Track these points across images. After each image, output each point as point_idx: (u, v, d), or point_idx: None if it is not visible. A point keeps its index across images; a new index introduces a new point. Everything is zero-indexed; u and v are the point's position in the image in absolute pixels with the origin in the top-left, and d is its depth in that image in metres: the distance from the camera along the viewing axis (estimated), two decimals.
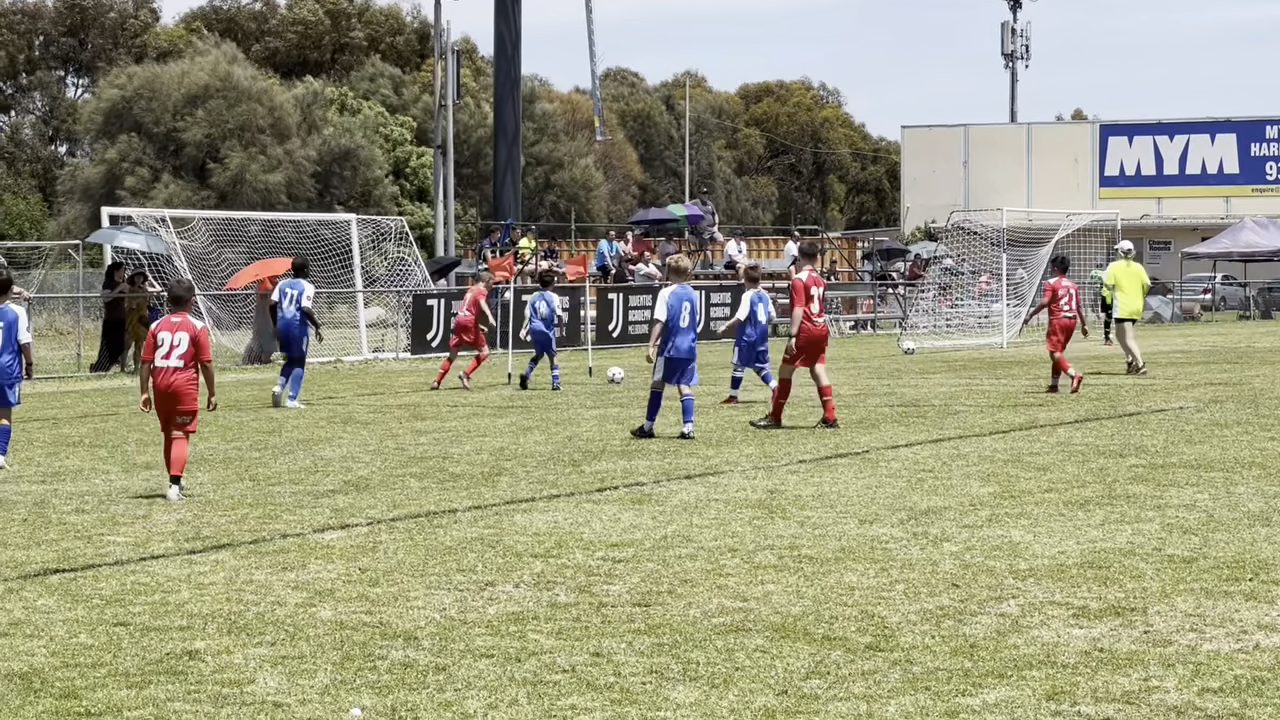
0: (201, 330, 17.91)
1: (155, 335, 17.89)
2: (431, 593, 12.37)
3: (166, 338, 17.75)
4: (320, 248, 49.10)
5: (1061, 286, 30.64)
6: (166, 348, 17.72)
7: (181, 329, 17.77)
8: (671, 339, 22.83)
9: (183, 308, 18.04)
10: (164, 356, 17.73)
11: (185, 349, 17.67)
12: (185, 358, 17.67)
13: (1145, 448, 20.82)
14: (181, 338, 17.70)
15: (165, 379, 17.70)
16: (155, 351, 17.81)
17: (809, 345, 24.29)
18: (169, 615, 11.69)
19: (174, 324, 17.83)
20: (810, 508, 16.22)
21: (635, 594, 12.27)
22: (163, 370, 17.71)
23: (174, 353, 17.69)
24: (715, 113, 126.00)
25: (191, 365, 17.74)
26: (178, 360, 17.68)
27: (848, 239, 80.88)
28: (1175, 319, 72.57)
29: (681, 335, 22.91)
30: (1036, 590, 12.21)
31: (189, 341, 17.68)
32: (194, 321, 17.95)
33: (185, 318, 17.93)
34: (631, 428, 23.46)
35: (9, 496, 17.72)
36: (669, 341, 22.81)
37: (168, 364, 17.70)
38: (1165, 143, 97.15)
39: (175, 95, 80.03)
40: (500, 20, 72.25)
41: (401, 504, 16.80)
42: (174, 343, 17.71)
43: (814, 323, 24.37)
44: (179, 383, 17.67)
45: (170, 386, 17.68)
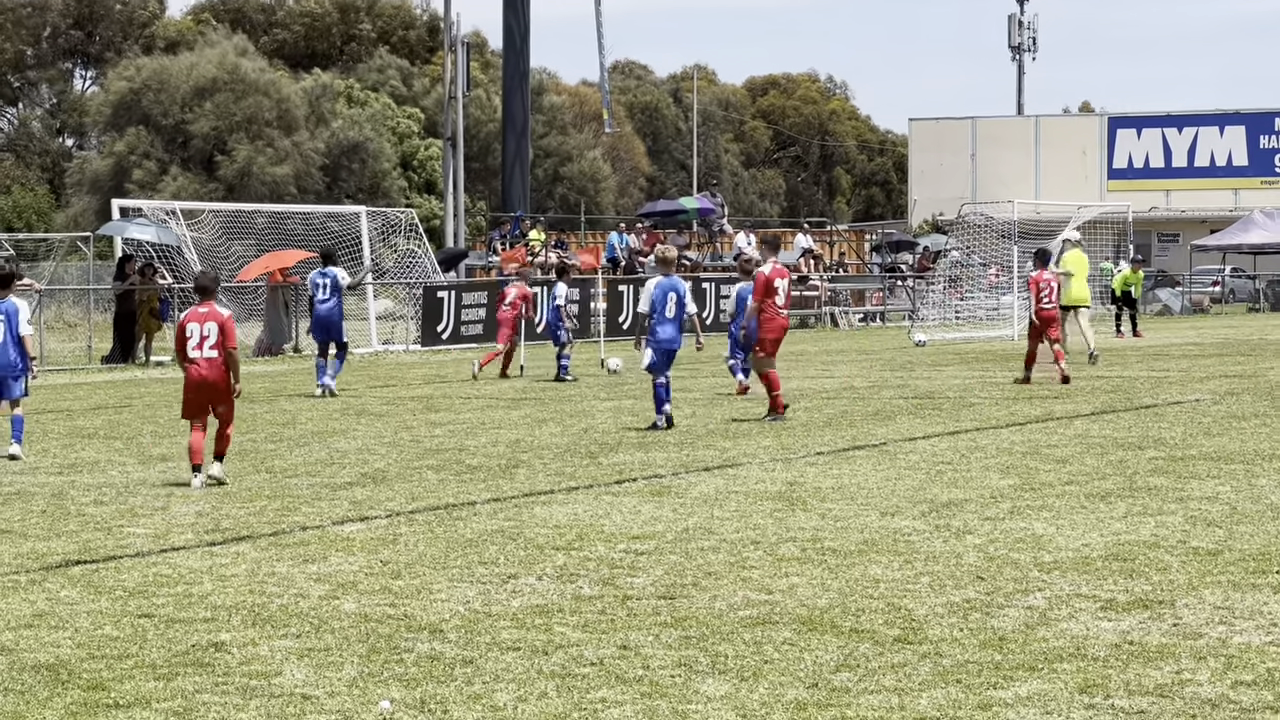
0: (228, 318, 17.99)
1: (184, 327, 17.98)
2: (454, 585, 12.32)
3: (195, 329, 17.82)
4: (329, 240, 49.06)
5: (1043, 279, 30.81)
6: (197, 339, 17.80)
7: (210, 319, 17.85)
8: (654, 329, 23.12)
9: (209, 298, 18.15)
10: (195, 347, 17.80)
11: (216, 339, 17.77)
12: (217, 347, 17.77)
13: (1164, 440, 20.76)
14: (211, 327, 17.79)
15: (200, 371, 17.77)
16: (186, 343, 17.88)
17: (778, 336, 24.23)
18: (193, 607, 11.65)
19: (201, 314, 17.90)
20: (831, 500, 16.17)
21: (659, 586, 12.22)
22: (199, 361, 17.77)
23: (205, 343, 17.78)
24: (722, 105, 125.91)
25: (222, 356, 17.82)
26: (210, 351, 17.76)
27: (855, 231, 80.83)
28: (1185, 311, 72.52)
29: (664, 325, 23.12)
30: (1062, 583, 12.15)
31: (218, 330, 17.77)
32: (220, 310, 18.07)
33: (212, 307, 18.04)
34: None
35: (27, 488, 17.69)
36: (653, 331, 23.11)
37: (200, 354, 17.78)
38: (1174, 135, 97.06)
39: (183, 88, 79.99)
40: (509, 13, 72.21)
41: (420, 496, 16.75)
42: (204, 333, 17.78)
43: (779, 315, 24.35)
44: (212, 375, 17.74)
45: (205, 379, 17.75)
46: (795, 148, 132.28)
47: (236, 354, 17.99)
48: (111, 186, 74.96)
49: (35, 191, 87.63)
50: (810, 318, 61.53)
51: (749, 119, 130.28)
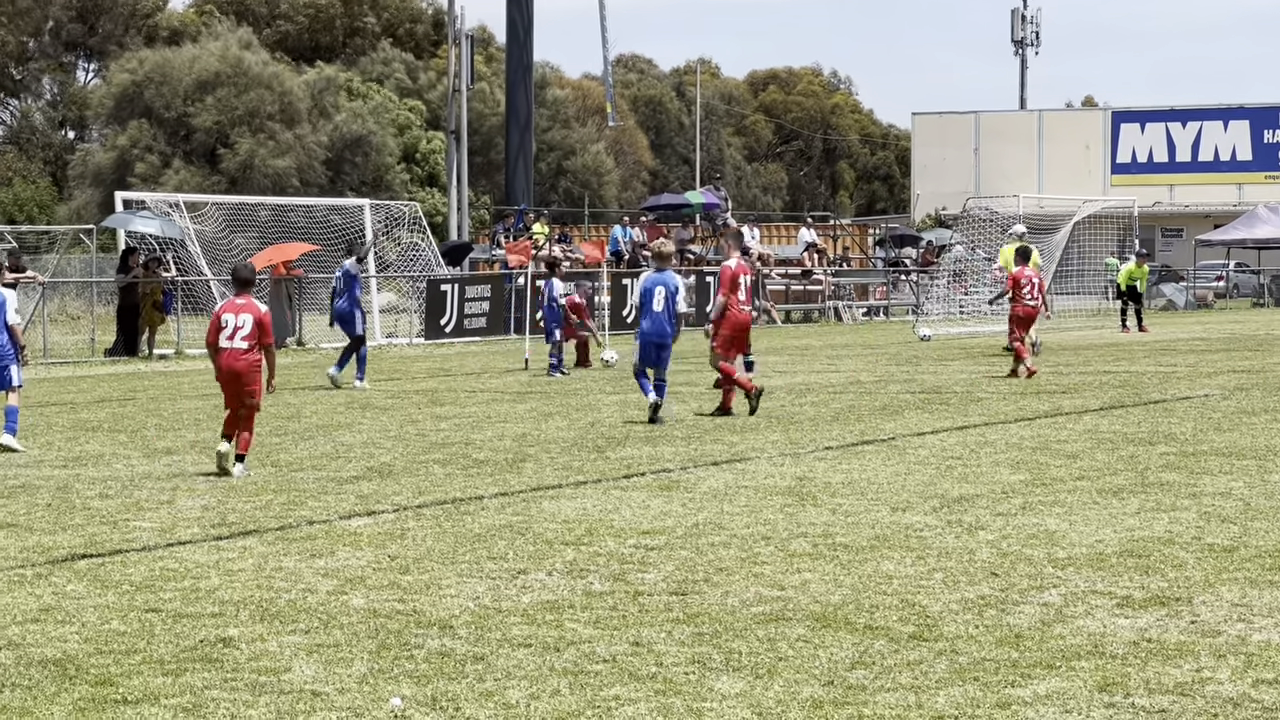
0: (265, 313, 18.18)
1: (219, 317, 18.15)
2: (463, 581, 12.21)
3: (230, 319, 18.01)
4: (332, 233, 48.96)
5: (1024, 276, 31.18)
6: (230, 329, 17.98)
7: (246, 310, 18.03)
8: (641, 322, 23.18)
9: (247, 290, 18.29)
10: (228, 338, 17.97)
11: (249, 330, 17.94)
12: (249, 339, 17.93)
13: (1174, 435, 20.64)
14: (245, 319, 17.97)
15: (230, 360, 17.96)
16: (219, 333, 18.02)
17: (736, 333, 24.04)
18: (200, 602, 11.54)
19: (238, 305, 18.09)
20: (841, 495, 16.06)
21: (671, 582, 12.11)
22: (227, 351, 17.95)
23: (238, 334, 17.95)
24: (725, 99, 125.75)
25: (255, 347, 17.97)
26: (242, 342, 17.94)
27: (859, 225, 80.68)
28: (1189, 306, 72.37)
29: (650, 318, 23.09)
30: (1077, 579, 12.04)
31: (253, 324, 17.95)
32: (258, 304, 18.22)
33: (249, 300, 18.19)
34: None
35: (32, 481, 17.59)
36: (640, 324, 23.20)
37: (231, 345, 17.94)
38: (1178, 129, 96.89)
39: (186, 81, 79.85)
40: (513, 6, 72.00)
41: (427, 490, 16.64)
42: (238, 324, 17.96)
43: (740, 310, 24.14)
44: (242, 365, 17.93)
45: (233, 368, 17.94)
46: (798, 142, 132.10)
47: (273, 350, 18.22)
48: (114, 179, 74.81)
49: (37, 184, 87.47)
50: (814, 312, 61.41)
51: (751, 113, 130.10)
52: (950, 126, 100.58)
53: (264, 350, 18.05)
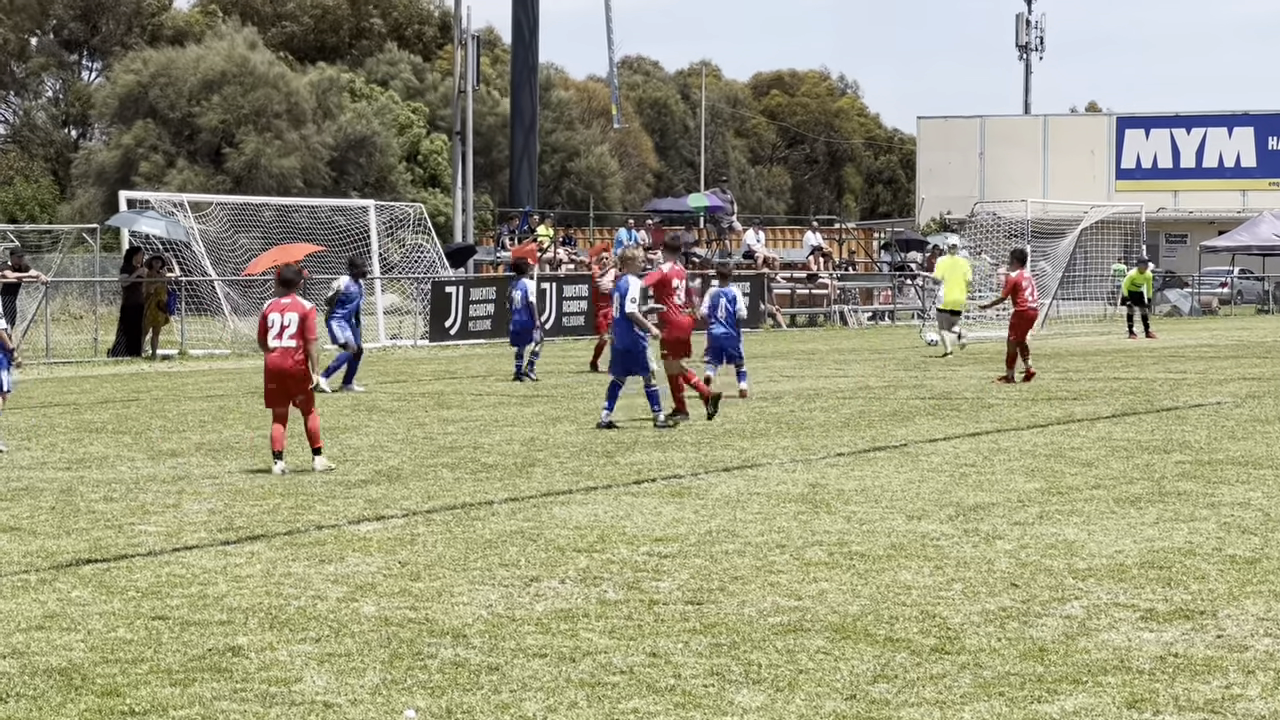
0: (310, 310, 18.38)
1: (266, 317, 18.38)
2: (475, 588, 12.02)
3: (277, 319, 18.25)
4: (335, 233, 48.80)
5: (1024, 279, 31.02)
6: (278, 328, 18.22)
7: (291, 309, 18.27)
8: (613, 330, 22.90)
9: (292, 289, 18.52)
10: (276, 336, 18.20)
11: (296, 329, 18.16)
12: (296, 337, 18.17)
13: (1189, 444, 20.44)
14: (292, 318, 18.20)
15: (279, 360, 18.19)
16: (268, 333, 18.27)
17: (681, 336, 23.64)
18: (208, 609, 11.34)
19: (284, 305, 18.32)
20: (854, 502, 15.86)
21: (686, 591, 11.91)
22: (278, 350, 18.19)
23: (285, 333, 18.19)
24: (730, 102, 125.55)
25: (301, 346, 18.21)
26: (290, 340, 18.17)
27: (864, 229, 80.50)
28: (1194, 312, 72.18)
29: (617, 325, 22.78)
30: (1099, 591, 11.85)
31: (299, 321, 18.16)
32: (302, 302, 18.42)
33: (294, 298, 18.43)
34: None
35: (35, 483, 17.40)
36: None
37: (280, 344, 18.18)
38: (1182, 135, 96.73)
39: (191, 80, 79.69)
40: (518, 7, 71.84)
41: (436, 495, 16.45)
42: (284, 323, 18.19)
43: (680, 315, 23.77)
44: (291, 364, 18.17)
45: (283, 367, 18.18)
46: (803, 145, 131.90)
47: (315, 346, 18.41)
48: (118, 178, 74.66)
49: (39, 183, 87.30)
50: (819, 316, 61.23)
51: (755, 116, 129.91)
52: (955, 131, 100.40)
53: (305, 346, 18.30)
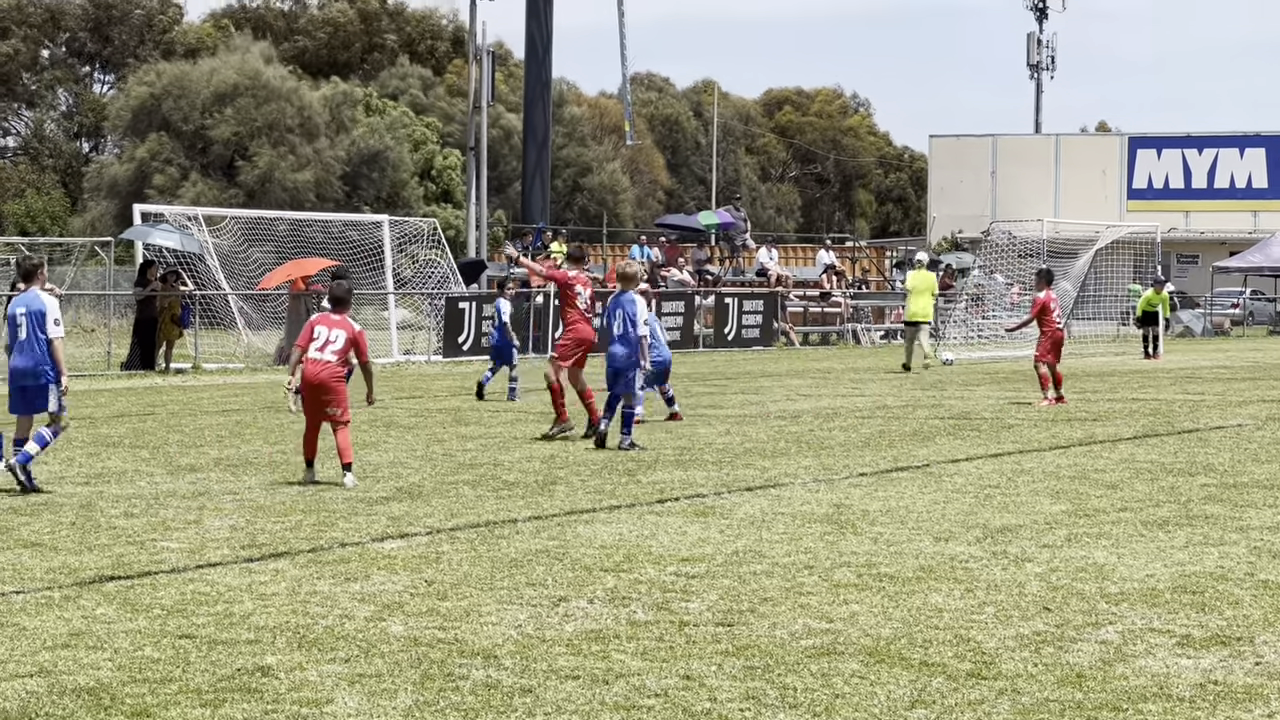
0: (359, 332, 18.66)
1: (313, 328, 18.64)
2: (504, 608, 11.91)
3: (324, 332, 18.50)
4: (348, 248, 48.74)
5: (1051, 299, 30.41)
6: (322, 340, 18.46)
7: (339, 327, 18.54)
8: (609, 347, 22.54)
9: (343, 308, 18.78)
10: (319, 349, 18.45)
11: (341, 346, 18.41)
12: (338, 354, 18.40)
13: (1213, 466, 20.32)
14: (338, 335, 18.46)
15: (315, 369, 18.42)
16: (311, 343, 18.51)
17: (580, 346, 23.22)
18: (234, 628, 11.23)
19: (333, 321, 18.62)
20: (880, 523, 15.75)
21: (716, 612, 11.80)
22: (314, 361, 18.43)
23: (329, 347, 18.43)
24: (742, 119, 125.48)
25: (343, 362, 18.43)
26: (330, 355, 18.42)
27: (876, 248, 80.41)
28: (1207, 333, 72.05)
29: (613, 343, 22.49)
30: (1133, 616, 11.73)
31: (345, 340, 18.44)
32: (353, 323, 18.70)
33: (345, 318, 18.71)
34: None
35: (55, 498, 17.30)
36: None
37: (320, 355, 18.44)
38: (1194, 156, 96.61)
39: (204, 93, 79.68)
40: (532, 21, 71.78)
41: (459, 513, 16.34)
42: (330, 338, 18.45)
43: (580, 321, 23.24)
44: (325, 375, 18.38)
45: (317, 377, 18.39)
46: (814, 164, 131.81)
47: (371, 365, 18.87)
48: (131, 191, 74.59)
49: (50, 195, 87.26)
50: (832, 334, 61.12)
51: (767, 133, 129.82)
52: (967, 150, 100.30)
53: (362, 367, 18.67)
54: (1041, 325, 30.32)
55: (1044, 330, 30.20)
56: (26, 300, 18.13)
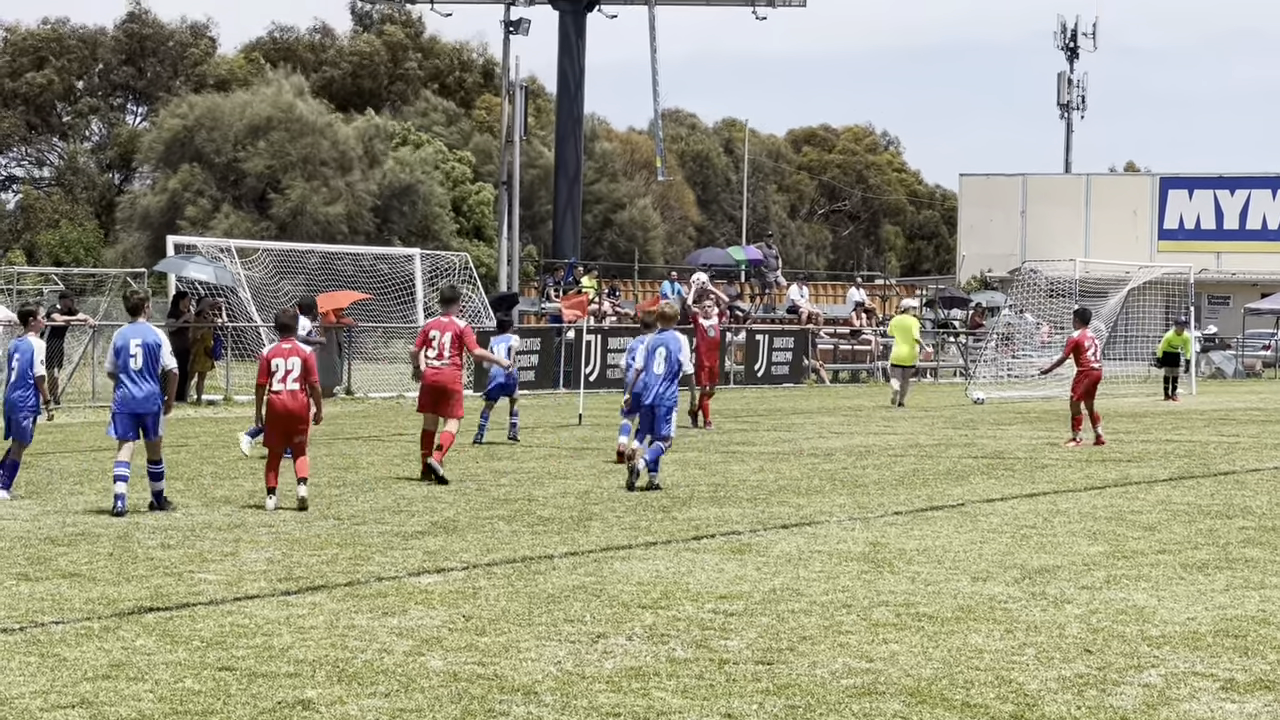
0: (310, 354, 19.24)
1: (269, 362, 19.21)
2: (542, 644, 11.89)
3: (280, 364, 19.13)
4: (379, 281, 48.81)
5: (1086, 338, 30.30)
6: (282, 373, 19.10)
7: (293, 354, 19.15)
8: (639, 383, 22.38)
9: (291, 334, 19.43)
10: (280, 380, 19.07)
11: (299, 373, 19.04)
12: (299, 380, 19.04)
13: (1251, 509, 20.24)
14: (294, 362, 19.09)
15: (285, 402, 19.07)
16: (271, 377, 19.13)
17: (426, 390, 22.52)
18: (274, 660, 11.22)
19: (285, 350, 19.23)
20: (917, 563, 15.70)
21: (755, 650, 11.77)
22: (281, 394, 19.06)
23: (289, 377, 19.07)
24: (772, 156, 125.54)
25: (304, 387, 19.08)
26: (294, 384, 19.05)
27: (907, 286, 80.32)
28: (1238, 375, 71.84)
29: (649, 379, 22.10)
30: (1175, 659, 11.67)
31: (301, 365, 19.05)
32: (302, 346, 19.33)
33: (294, 343, 19.30)
34: None
35: (92, 529, 17.32)
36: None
37: (285, 387, 19.07)
38: (1226, 197, 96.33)
39: (237, 126, 79.93)
40: (564, 58, 72.01)
41: (494, 548, 16.32)
42: (288, 368, 19.06)
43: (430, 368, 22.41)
44: (297, 405, 19.07)
45: (289, 408, 19.06)
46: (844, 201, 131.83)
47: (318, 387, 19.40)
48: (163, 223, 74.83)
49: (84, 226, 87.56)
50: (862, 372, 61.05)
51: (796, 171, 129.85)
52: (997, 188, 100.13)
53: (310, 388, 19.17)
54: (1078, 364, 30.22)
55: (1080, 369, 30.12)
56: (141, 332, 19.10)
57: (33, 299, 48.20)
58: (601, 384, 46.67)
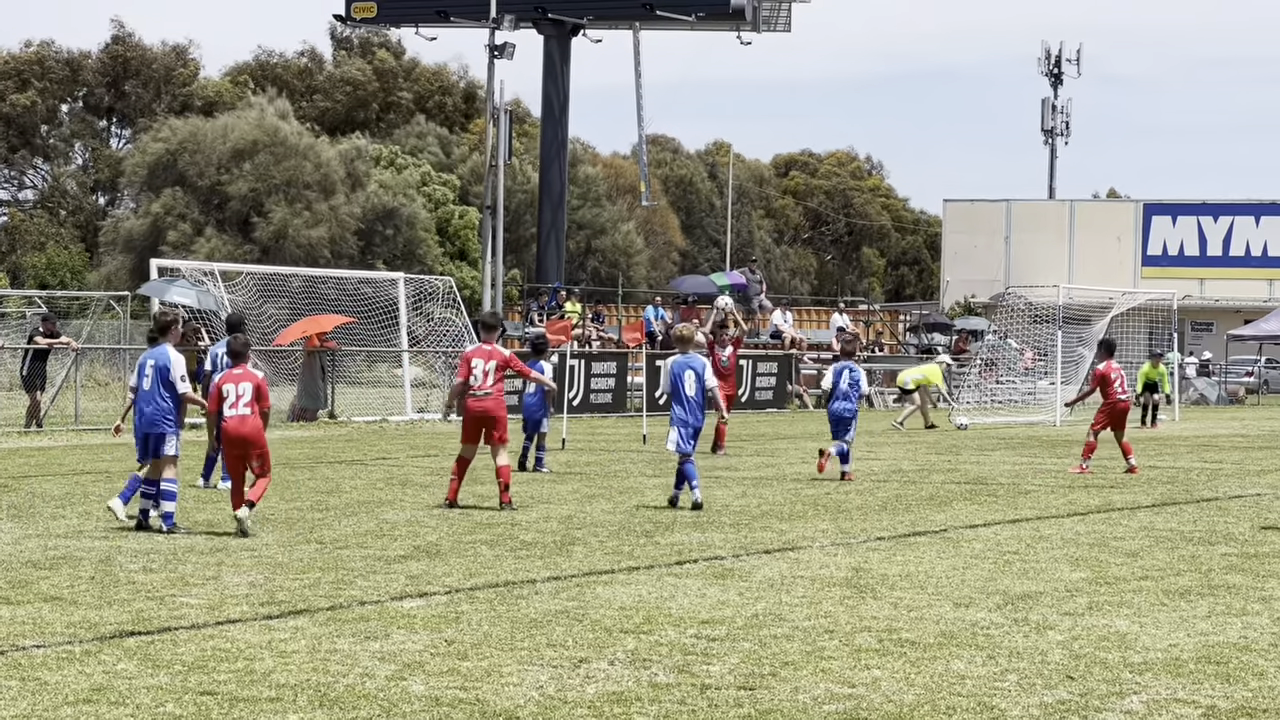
0: (262, 380, 19.21)
1: (220, 388, 19.09)
2: (525, 668, 11.88)
3: (231, 389, 19.02)
4: (363, 305, 48.76)
5: (1113, 370, 30.24)
6: (233, 398, 18.99)
7: (244, 379, 19.09)
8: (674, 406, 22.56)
9: (242, 361, 19.33)
10: (231, 406, 18.97)
11: (250, 397, 18.93)
12: (250, 405, 18.92)
13: (1233, 535, 20.27)
14: (246, 387, 18.99)
15: (235, 427, 18.96)
16: (223, 403, 19.04)
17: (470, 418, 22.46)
18: (256, 685, 11.20)
19: (236, 376, 19.15)
20: (900, 588, 15.71)
21: (738, 676, 11.76)
22: (233, 419, 18.96)
23: (240, 401, 18.96)
24: (757, 181, 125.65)
25: (256, 412, 18.99)
26: (245, 409, 18.94)
27: (890, 311, 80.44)
28: (1221, 401, 71.98)
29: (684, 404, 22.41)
30: (1157, 686, 11.68)
31: (252, 390, 18.97)
32: (255, 372, 19.27)
33: (245, 369, 19.25)
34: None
35: (73, 552, 17.29)
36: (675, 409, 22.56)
37: (236, 412, 18.96)
38: (1209, 223, 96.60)
39: (220, 149, 79.88)
40: (549, 82, 72.16)
41: (477, 572, 16.31)
42: (239, 393, 18.97)
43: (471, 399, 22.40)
44: (249, 429, 18.94)
45: (241, 433, 18.93)
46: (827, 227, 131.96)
47: (269, 414, 19.31)
48: (146, 246, 74.72)
49: (69, 249, 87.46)
50: None
51: (780, 196, 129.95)
52: (981, 214, 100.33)
53: (262, 414, 19.04)
54: (1104, 396, 30.12)
55: (1106, 400, 30.00)
56: (156, 354, 19.49)
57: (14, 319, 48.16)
58: (585, 409, 46.69)
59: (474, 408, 22.08)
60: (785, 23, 73.09)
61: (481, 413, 22.01)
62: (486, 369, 21.99)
